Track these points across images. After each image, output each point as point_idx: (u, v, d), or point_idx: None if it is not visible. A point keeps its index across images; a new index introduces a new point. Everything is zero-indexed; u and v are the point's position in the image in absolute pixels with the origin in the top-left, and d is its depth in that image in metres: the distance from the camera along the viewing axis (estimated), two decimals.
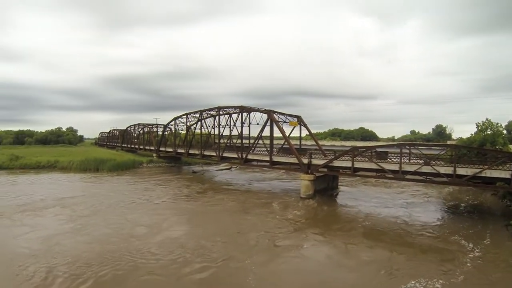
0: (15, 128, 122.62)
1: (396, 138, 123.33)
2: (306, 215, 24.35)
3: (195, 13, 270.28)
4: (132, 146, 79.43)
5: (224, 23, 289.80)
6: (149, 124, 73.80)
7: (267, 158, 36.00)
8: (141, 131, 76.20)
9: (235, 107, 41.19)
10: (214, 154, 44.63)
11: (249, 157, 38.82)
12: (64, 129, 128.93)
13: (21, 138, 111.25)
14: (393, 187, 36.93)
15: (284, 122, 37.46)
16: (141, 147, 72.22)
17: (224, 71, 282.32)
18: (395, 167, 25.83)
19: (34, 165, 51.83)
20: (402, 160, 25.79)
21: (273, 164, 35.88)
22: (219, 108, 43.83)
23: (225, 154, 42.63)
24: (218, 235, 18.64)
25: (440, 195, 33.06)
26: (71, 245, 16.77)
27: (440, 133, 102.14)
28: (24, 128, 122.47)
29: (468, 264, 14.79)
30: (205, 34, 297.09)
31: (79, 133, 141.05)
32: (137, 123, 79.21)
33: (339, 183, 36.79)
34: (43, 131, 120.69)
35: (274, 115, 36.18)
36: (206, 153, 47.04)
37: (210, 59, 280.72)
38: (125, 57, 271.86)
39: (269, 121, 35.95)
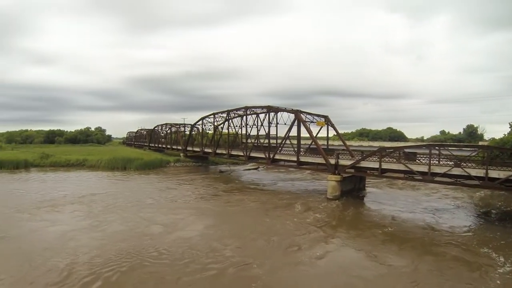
0: (46, 128, 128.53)
1: (425, 138, 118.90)
2: (329, 219, 23.71)
3: (221, 14, 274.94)
4: (160, 145, 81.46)
5: (251, 23, 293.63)
6: (177, 124, 75.54)
7: (294, 158, 36.50)
8: (168, 131, 78.19)
9: (262, 107, 42.05)
10: (241, 154, 45.64)
11: (276, 157, 39.38)
12: (93, 128, 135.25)
13: (51, 138, 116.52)
14: (421, 190, 36.21)
15: (311, 122, 37.80)
16: (169, 146, 74.00)
17: (251, 71, 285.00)
18: (423, 168, 25.47)
19: (63, 163, 54.11)
20: (431, 161, 25.35)
21: (300, 164, 36.36)
22: (246, 108, 44.78)
23: (252, 154, 43.43)
24: (232, 238, 18.59)
25: (471, 200, 31.55)
26: (85, 241, 17.33)
27: (471, 134, 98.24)
28: (55, 128, 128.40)
29: (498, 281, 13.95)
30: (232, 34, 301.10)
31: (107, 133, 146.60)
32: (164, 122, 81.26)
33: (365, 185, 36.58)
34: (73, 130, 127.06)
35: (301, 115, 36.73)
36: (233, 152, 48.02)
37: (238, 59, 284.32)
38: (153, 58, 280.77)
39: (296, 121, 36.54)
